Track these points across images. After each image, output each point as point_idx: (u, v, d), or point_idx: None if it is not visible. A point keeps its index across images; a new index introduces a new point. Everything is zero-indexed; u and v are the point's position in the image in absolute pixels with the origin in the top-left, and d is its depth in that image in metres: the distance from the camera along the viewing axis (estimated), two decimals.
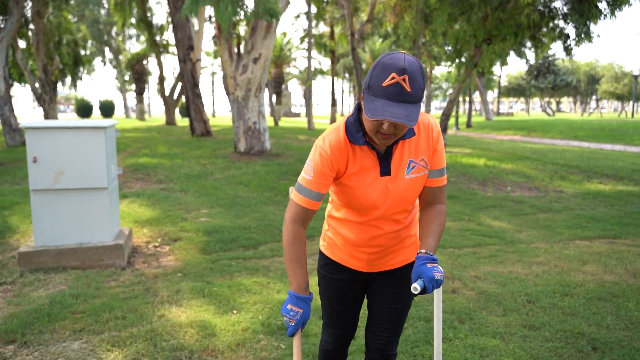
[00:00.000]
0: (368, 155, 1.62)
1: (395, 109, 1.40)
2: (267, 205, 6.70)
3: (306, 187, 1.63)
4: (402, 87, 1.39)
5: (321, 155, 1.60)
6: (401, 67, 1.38)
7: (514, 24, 11.30)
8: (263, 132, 11.34)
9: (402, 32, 22.49)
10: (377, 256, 1.78)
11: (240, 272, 4.12)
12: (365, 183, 1.63)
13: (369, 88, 1.44)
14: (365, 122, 1.52)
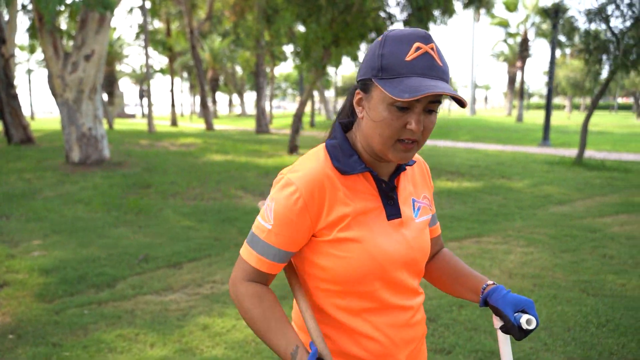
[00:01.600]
0: (366, 191, 1.09)
1: (438, 83, 0.96)
2: (117, 227, 5.74)
3: (263, 239, 1.07)
4: (434, 59, 0.98)
5: (291, 193, 1.04)
6: (424, 34, 0.99)
7: (360, 27, 11.62)
8: (101, 139, 10.00)
9: (243, 31, 22.10)
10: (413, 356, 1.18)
11: (97, 324, 3.30)
12: (372, 230, 1.07)
13: (383, 70, 0.98)
14: (375, 129, 1.02)
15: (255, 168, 9.95)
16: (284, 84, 63.94)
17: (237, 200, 7.22)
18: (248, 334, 3.16)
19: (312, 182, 1.04)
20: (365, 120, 1.04)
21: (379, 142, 1.02)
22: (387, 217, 1.10)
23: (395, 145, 1.01)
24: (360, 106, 1.06)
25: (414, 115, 0.98)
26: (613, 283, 4.05)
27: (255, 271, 1.09)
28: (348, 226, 1.05)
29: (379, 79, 0.98)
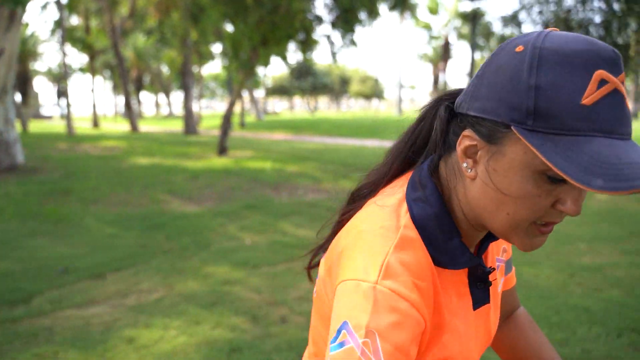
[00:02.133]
0: (459, 280, 0.74)
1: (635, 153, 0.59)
2: (34, 238, 5.41)
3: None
4: (624, 99, 0.60)
5: (399, 312, 0.63)
6: (611, 54, 0.60)
7: (288, 28, 11.66)
8: (13, 143, 9.38)
9: (168, 30, 21.50)
10: None
11: (11, 344, 3.09)
12: (462, 340, 0.74)
13: (538, 116, 0.59)
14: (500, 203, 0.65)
15: (183, 171, 9.71)
16: (212, 84, 62.83)
17: (164, 206, 7.02)
18: (176, 344, 3.08)
19: (424, 290, 0.67)
20: (483, 188, 0.67)
21: (506, 223, 0.66)
22: (474, 305, 0.77)
23: (529, 228, 0.66)
24: (470, 159, 0.68)
25: (573, 191, 0.63)
26: (528, 274, 4.32)
27: None
28: (443, 341, 0.72)
29: (527, 131, 0.59)
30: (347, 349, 0.61)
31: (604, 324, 3.33)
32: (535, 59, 0.59)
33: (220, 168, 10.21)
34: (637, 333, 3.21)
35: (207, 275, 4.34)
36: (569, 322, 3.37)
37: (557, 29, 0.64)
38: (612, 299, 3.77)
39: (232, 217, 6.43)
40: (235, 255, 4.90)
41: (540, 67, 0.59)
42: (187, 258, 4.82)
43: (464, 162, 0.68)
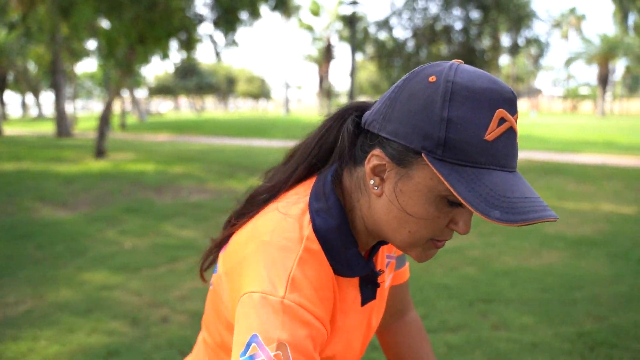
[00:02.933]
0: (351, 283, 0.80)
1: (527, 189, 0.66)
2: None
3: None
4: (516, 138, 0.67)
5: (308, 325, 0.67)
6: (510, 95, 0.67)
7: (166, 26, 11.35)
8: None
9: (34, 24, 19.81)
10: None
11: None
12: (349, 336, 0.82)
13: (447, 148, 0.64)
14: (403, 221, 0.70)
15: (55, 176, 9.07)
16: (88, 83, 58.80)
17: (34, 213, 6.54)
18: (47, 355, 2.96)
19: (326, 302, 0.73)
20: (388, 206, 0.71)
21: (406, 240, 0.72)
22: (362, 302, 0.83)
23: (426, 244, 0.73)
24: (378, 177, 0.71)
25: (466, 214, 0.70)
26: None
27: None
28: (332, 340, 0.78)
29: (437, 160, 0.65)
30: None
31: (459, 297, 3.77)
32: (448, 93, 0.64)
33: (98, 172, 9.70)
34: (485, 302, 3.68)
35: (83, 283, 4.17)
36: (431, 298, 3.77)
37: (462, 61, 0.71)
38: (467, 275, 4.26)
39: (111, 222, 6.18)
40: (113, 260, 4.74)
41: (452, 101, 0.64)
42: (60, 267, 4.57)
43: (371, 179, 0.71)
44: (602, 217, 6.27)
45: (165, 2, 10.72)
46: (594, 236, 5.40)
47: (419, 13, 10.83)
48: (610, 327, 3.24)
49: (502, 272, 4.31)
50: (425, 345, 1.04)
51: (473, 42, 10.82)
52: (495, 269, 4.40)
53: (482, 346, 3.01)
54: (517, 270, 4.35)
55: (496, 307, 3.59)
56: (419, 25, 11.00)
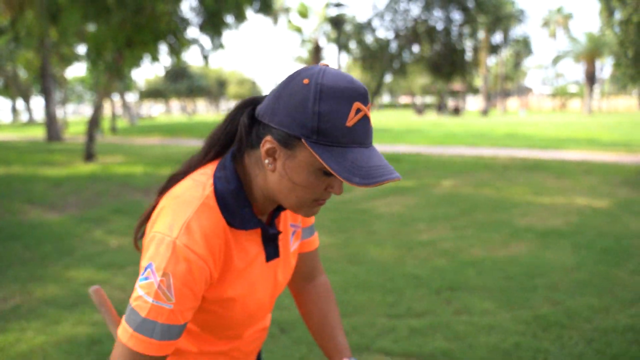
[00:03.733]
0: (252, 239, 1.02)
1: (378, 159, 0.88)
2: None
3: (166, 323, 0.89)
4: (369, 122, 0.89)
5: (192, 262, 0.89)
6: (363, 91, 0.88)
7: (153, 30, 11.51)
8: None
9: (22, 29, 19.87)
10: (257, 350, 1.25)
11: None
12: (252, 283, 1.03)
13: (320, 134, 0.85)
14: (291, 189, 0.92)
15: (44, 180, 9.22)
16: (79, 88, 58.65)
17: (22, 216, 6.69)
18: (34, 344, 3.14)
19: (212, 243, 0.92)
20: (279, 178, 0.91)
21: (295, 203, 0.93)
22: (266, 258, 1.04)
23: (311, 205, 0.95)
24: (271, 157, 0.91)
25: (338, 180, 0.92)
26: (373, 253, 4.92)
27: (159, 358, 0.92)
28: (231, 284, 0.98)
29: (313, 143, 0.85)
30: (149, 282, 0.88)
31: (427, 286, 3.98)
32: (317, 92, 0.84)
33: (87, 174, 9.84)
34: (451, 290, 3.90)
35: (70, 280, 4.34)
36: (400, 287, 3.97)
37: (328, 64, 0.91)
38: (437, 266, 4.47)
39: (99, 223, 6.35)
40: (100, 258, 4.92)
41: (321, 99, 0.84)
42: (47, 265, 4.74)
43: (266, 159, 0.91)
44: (574, 210, 6.50)
45: (151, 6, 10.88)
46: (563, 228, 5.64)
47: (400, 15, 11.05)
48: (565, 310, 3.46)
49: (470, 262, 4.53)
50: (330, 303, 1.25)
51: (455, 43, 11.06)
52: (464, 259, 4.62)
53: (442, 329, 3.22)
54: (484, 260, 4.56)
55: (460, 295, 3.81)
56: (401, 27, 11.23)
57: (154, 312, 0.88)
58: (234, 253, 0.98)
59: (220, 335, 1.08)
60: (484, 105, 40.84)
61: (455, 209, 6.74)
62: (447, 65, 10.93)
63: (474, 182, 8.89)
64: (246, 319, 1.06)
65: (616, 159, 11.68)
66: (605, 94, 60.38)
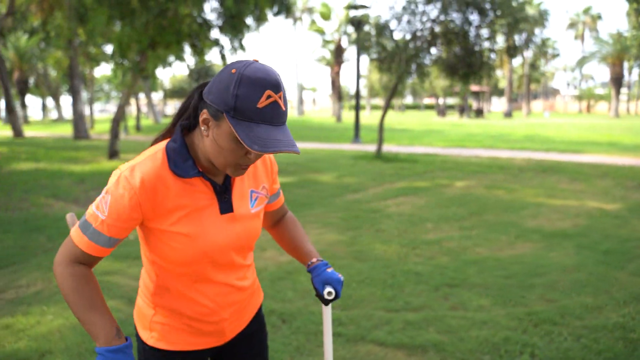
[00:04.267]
0: (201, 190, 1.28)
1: (281, 135, 1.13)
2: None
3: (96, 229, 1.21)
4: (280, 107, 1.13)
5: (126, 190, 1.19)
6: (275, 82, 1.12)
7: (176, 32, 11.81)
8: None
9: (52, 30, 20.49)
10: (235, 317, 1.45)
11: None
12: (204, 226, 1.28)
13: (236, 111, 1.10)
14: (219, 152, 1.18)
15: (69, 175, 9.59)
16: (107, 87, 59.94)
17: (47, 209, 7.02)
18: (52, 327, 3.37)
19: (147, 182, 1.20)
20: (211, 142, 1.18)
21: (222, 163, 1.19)
22: (220, 211, 1.29)
23: (235, 166, 1.20)
24: (206, 125, 1.17)
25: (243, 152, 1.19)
26: (378, 250, 5.06)
27: (84, 254, 1.23)
28: (179, 222, 1.24)
29: (231, 118, 1.10)
30: (98, 198, 1.24)
31: (427, 283, 4.10)
32: (238, 80, 1.10)
33: (109, 171, 10.18)
34: (450, 287, 4.01)
35: None
36: (401, 283, 4.11)
37: (258, 60, 1.16)
38: (440, 264, 4.58)
39: None
40: (116, 250, 5.16)
41: (240, 85, 1.10)
42: None
43: (202, 127, 1.19)
44: (584, 213, 6.53)
45: (174, 8, 11.18)
46: (570, 230, 5.68)
47: (418, 16, 11.12)
48: (558, 308, 3.55)
49: (473, 261, 4.63)
50: (297, 227, 1.60)
51: (472, 45, 11.08)
52: (467, 258, 4.72)
53: (436, 323, 3.35)
54: (487, 260, 4.66)
55: (459, 291, 3.92)
56: (418, 29, 11.29)
57: (92, 217, 1.22)
58: (180, 196, 1.25)
59: (186, 270, 1.31)
60: (506, 107, 40.42)
61: (464, 209, 6.82)
62: (464, 66, 10.93)
63: (487, 183, 8.93)
64: (201, 256, 1.29)
65: (634, 162, 11.55)
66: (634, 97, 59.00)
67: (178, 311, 1.36)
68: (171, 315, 1.37)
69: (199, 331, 1.40)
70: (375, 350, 3.02)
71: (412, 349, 3.02)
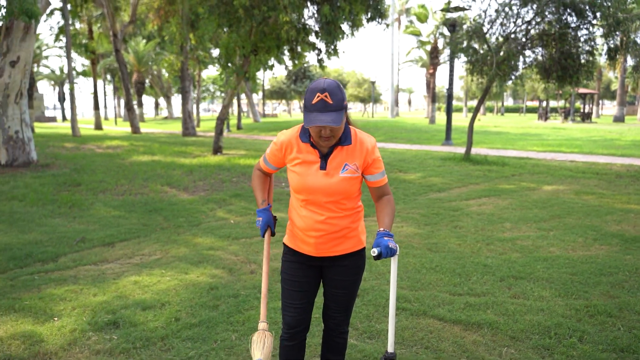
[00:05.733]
0: (312, 152, 2.12)
1: (325, 117, 1.94)
2: (53, 218, 6.48)
3: (265, 154, 2.31)
4: (325, 101, 1.95)
5: (278, 138, 2.21)
6: (322, 88, 1.95)
7: (276, 38, 12.71)
8: (28, 142, 10.45)
9: (167, 35, 22.55)
10: (322, 240, 2.17)
11: (47, 285, 4.16)
12: (307, 172, 2.12)
13: (305, 107, 1.98)
14: (309, 130, 2.05)
15: (180, 167, 10.78)
16: (212, 87, 63.82)
17: (162, 195, 8.09)
18: (170, 285, 4.15)
19: (287, 136, 2.20)
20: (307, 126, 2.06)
21: (313, 135, 2.05)
22: (320, 168, 2.13)
23: (320, 138, 2.04)
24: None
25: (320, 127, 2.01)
26: (452, 244, 5.39)
27: (259, 165, 2.39)
28: (297, 165, 2.16)
29: (304, 111, 2.00)
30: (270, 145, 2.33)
31: (494, 274, 4.40)
32: (307, 89, 2.03)
33: (214, 164, 11.28)
34: (515, 279, 4.29)
35: (196, 244, 5.41)
36: (469, 272, 4.45)
37: (325, 77, 1.90)
38: (509, 258, 4.84)
39: (221, 204, 7.51)
40: (220, 230, 5.97)
41: (306, 93, 2.02)
42: (180, 233, 5.89)
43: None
44: None
45: (275, 16, 12.06)
46: None
47: (512, 19, 11.07)
48: (618, 303, 3.72)
49: (543, 258, 4.83)
50: (386, 206, 2.20)
51: (569, 47, 10.83)
52: (538, 255, 4.92)
53: (495, 307, 3.68)
54: (558, 258, 4.83)
55: (523, 283, 4.19)
56: (511, 31, 11.24)
57: (266, 153, 2.31)
58: (300, 150, 2.16)
59: (298, 196, 2.18)
60: (617, 110, 37.63)
61: (546, 212, 6.88)
62: (558, 69, 10.72)
63: (576, 188, 8.78)
64: (303, 188, 2.13)
65: None
66: None
67: (293, 221, 2.24)
68: (292, 224, 2.27)
69: (301, 240, 2.22)
70: (434, 324, 3.44)
71: (468, 326, 3.40)
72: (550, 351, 3.06)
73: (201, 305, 3.74)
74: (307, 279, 2.26)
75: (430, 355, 3.02)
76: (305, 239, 2.19)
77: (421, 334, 3.29)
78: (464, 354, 3.04)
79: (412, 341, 3.21)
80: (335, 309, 2.31)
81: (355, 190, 2.16)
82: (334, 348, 2.41)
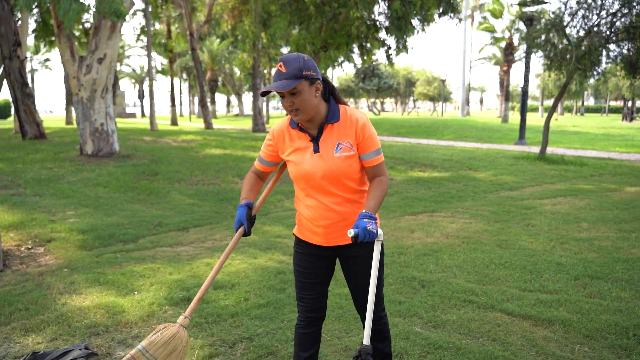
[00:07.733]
0: (303, 138, 2.08)
1: (278, 84, 1.91)
2: (133, 203, 6.90)
3: (259, 154, 2.25)
4: (279, 70, 1.94)
5: (271, 130, 2.18)
6: (280, 59, 1.94)
7: (346, 34, 12.79)
8: (111, 134, 11.15)
9: (240, 34, 23.24)
10: (331, 230, 2.10)
11: (128, 262, 4.46)
12: (302, 159, 2.06)
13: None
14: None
15: (250, 160, 11.11)
16: None
17: (233, 185, 8.38)
18: (240, 268, 4.32)
19: (277, 128, 2.16)
20: None
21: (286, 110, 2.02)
22: (314, 151, 2.05)
23: (290, 112, 1.99)
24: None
25: (283, 99, 1.96)
26: (524, 241, 5.22)
27: (254, 166, 2.30)
28: (291, 154, 2.10)
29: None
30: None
31: (568, 272, 4.22)
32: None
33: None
34: (591, 278, 4.09)
35: (265, 232, 5.58)
36: (541, 270, 4.29)
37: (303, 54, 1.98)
38: (585, 258, 4.62)
39: (289, 195, 7.67)
40: (287, 220, 6.11)
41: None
42: None
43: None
44: None
45: (346, 12, 12.14)
46: None
47: (595, 10, 10.48)
48: None
49: (623, 259, 4.56)
50: (376, 187, 2.06)
51: None
52: (618, 256, 4.66)
53: (568, 305, 3.54)
54: (639, 260, 4.55)
55: (599, 283, 3.99)
56: (594, 23, 10.65)
57: (261, 148, 2.23)
58: (292, 139, 2.12)
59: (300, 185, 2.13)
60: None
61: (628, 213, 6.49)
62: None
63: None
64: (302, 176, 2.08)
65: None
66: None
67: (300, 212, 2.20)
68: (300, 215, 2.22)
69: (310, 229, 2.17)
70: (503, 318, 3.36)
71: (539, 321, 3.29)
72: (628, 352, 2.91)
73: (269, 287, 3.87)
74: (318, 270, 2.21)
75: (497, 348, 2.96)
76: (313, 228, 2.13)
77: (488, 327, 3.23)
78: (533, 349, 2.95)
79: (478, 333, 3.15)
80: (362, 298, 2.20)
81: (355, 170, 2.07)
82: (375, 336, 2.32)
